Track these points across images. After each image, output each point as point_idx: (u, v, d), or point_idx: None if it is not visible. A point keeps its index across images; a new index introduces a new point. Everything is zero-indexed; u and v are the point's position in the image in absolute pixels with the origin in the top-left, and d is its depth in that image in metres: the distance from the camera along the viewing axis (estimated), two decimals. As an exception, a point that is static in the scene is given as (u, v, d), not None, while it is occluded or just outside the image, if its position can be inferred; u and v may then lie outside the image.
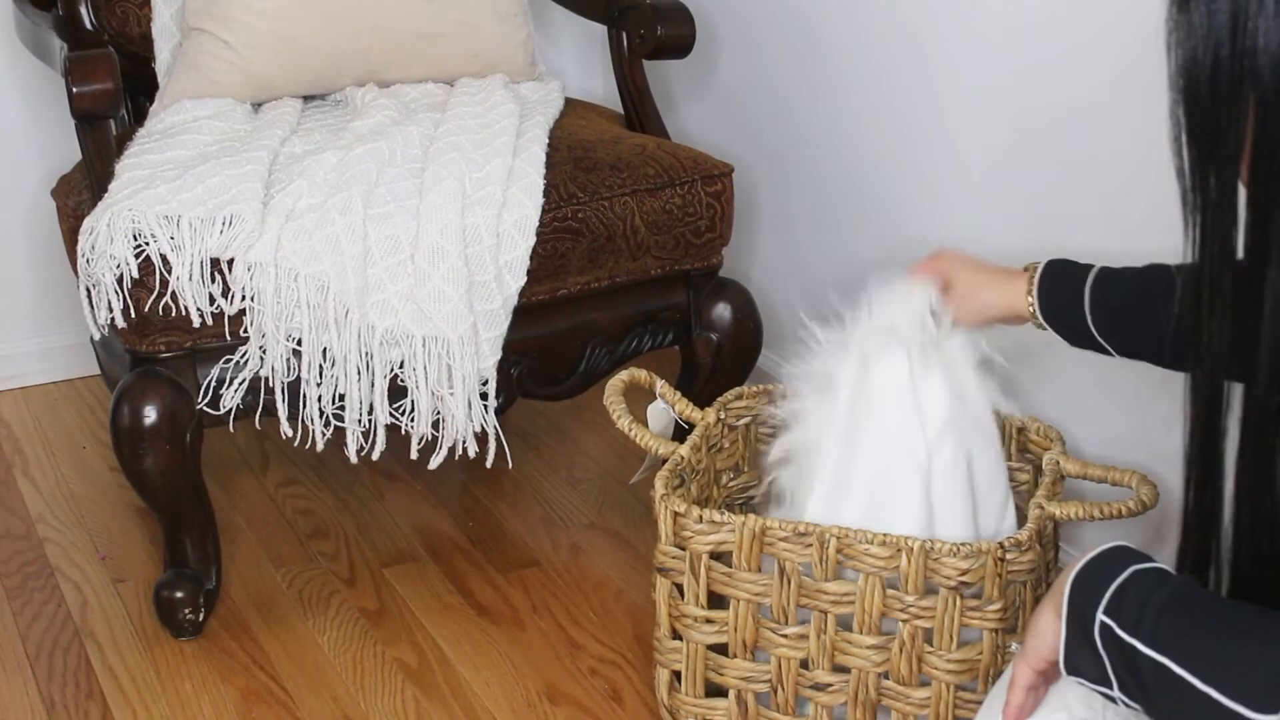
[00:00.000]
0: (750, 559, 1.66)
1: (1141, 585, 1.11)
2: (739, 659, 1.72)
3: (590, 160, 2.11)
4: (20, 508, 2.37)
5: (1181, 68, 1.13)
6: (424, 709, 1.91)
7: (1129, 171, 1.84)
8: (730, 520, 1.65)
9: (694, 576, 1.70)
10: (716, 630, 1.72)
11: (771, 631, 1.69)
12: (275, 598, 2.14)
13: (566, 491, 2.42)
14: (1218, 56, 1.10)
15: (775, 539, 1.64)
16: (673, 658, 1.76)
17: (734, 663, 1.72)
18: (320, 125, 2.15)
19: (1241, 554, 1.11)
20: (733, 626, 1.70)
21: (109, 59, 1.95)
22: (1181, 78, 1.13)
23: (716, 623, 1.71)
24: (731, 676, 1.73)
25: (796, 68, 2.44)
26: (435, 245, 1.92)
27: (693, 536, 1.68)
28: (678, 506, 1.68)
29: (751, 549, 1.65)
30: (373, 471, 2.42)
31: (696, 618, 1.72)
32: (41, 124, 2.63)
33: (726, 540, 1.66)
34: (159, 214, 1.87)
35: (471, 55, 2.30)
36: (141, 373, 1.92)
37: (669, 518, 1.69)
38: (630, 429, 1.79)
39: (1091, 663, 1.13)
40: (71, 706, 1.92)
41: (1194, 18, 1.11)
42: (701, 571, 1.69)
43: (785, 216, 2.54)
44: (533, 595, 2.15)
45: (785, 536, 1.63)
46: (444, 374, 1.96)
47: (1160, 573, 1.12)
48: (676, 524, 1.69)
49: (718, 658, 1.74)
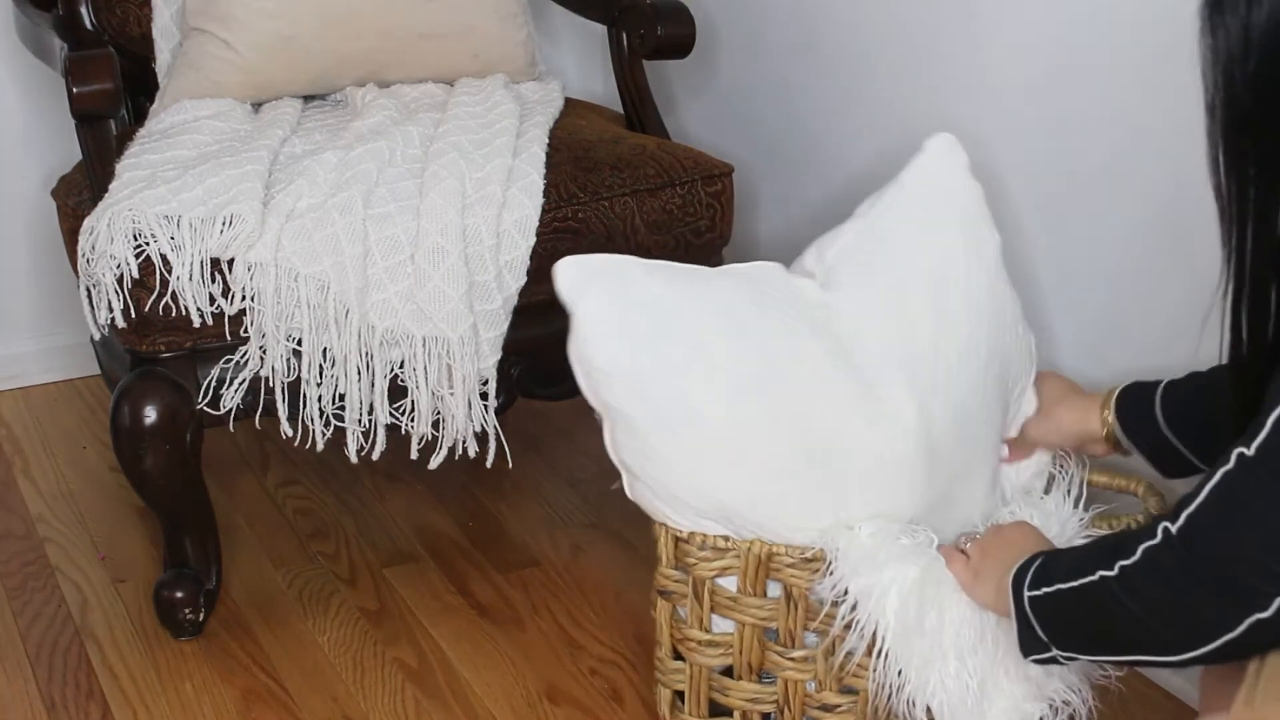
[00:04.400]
0: (755, 584, 1.61)
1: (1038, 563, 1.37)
2: (744, 681, 1.68)
3: (590, 160, 2.11)
4: (20, 508, 2.37)
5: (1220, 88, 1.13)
6: (424, 709, 1.91)
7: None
8: (734, 545, 1.60)
9: (698, 601, 1.65)
10: (721, 653, 1.68)
11: (778, 655, 1.65)
12: (275, 598, 2.14)
13: (566, 491, 2.42)
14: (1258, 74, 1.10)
15: (782, 564, 1.59)
16: (675, 678, 1.72)
17: (739, 685, 1.68)
18: (320, 125, 2.15)
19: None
20: (738, 650, 1.66)
21: (109, 59, 1.95)
22: (1218, 99, 1.13)
23: (720, 645, 1.67)
24: (736, 698, 1.69)
25: (796, 68, 2.44)
26: (435, 245, 1.92)
27: (696, 563, 1.63)
28: (679, 532, 1.62)
29: (757, 575, 1.60)
30: (373, 471, 2.42)
31: (700, 641, 1.68)
32: (41, 124, 2.63)
33: (731, 565, 1.61)
34: (159, 214, 1.87)
35: (471, 55, 2.30)
36: (141, 373, 1.92)
37: (670, 542, 1.64)
38: None
39: (1032, 639, 1.36)
40: (71, 706, 1.92)
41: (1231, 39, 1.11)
42: (705, 596, 1.64)
43: (785, 216, 2.54)
44: (533, 595, 2.15)
45: (792, 562, 1.58)
46: (444, 374, 1.96)
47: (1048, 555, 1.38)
48: (678, 549, 1.64)
49: (722, 679, 1.69)
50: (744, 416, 1.54)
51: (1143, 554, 1.23)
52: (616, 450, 1.61)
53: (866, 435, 1.56)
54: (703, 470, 1.56)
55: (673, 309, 1.56)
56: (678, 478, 1.58)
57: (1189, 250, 1.73)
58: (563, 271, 1.58)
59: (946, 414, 1.60)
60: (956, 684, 1.49)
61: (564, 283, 1.57)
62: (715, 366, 1.55)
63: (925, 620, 1.49)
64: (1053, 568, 1.36)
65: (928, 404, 1.58)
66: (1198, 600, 1.19)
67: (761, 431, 1.54)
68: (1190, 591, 1.20)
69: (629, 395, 1.56)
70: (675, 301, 1.57)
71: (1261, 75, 1.10)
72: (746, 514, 1.57)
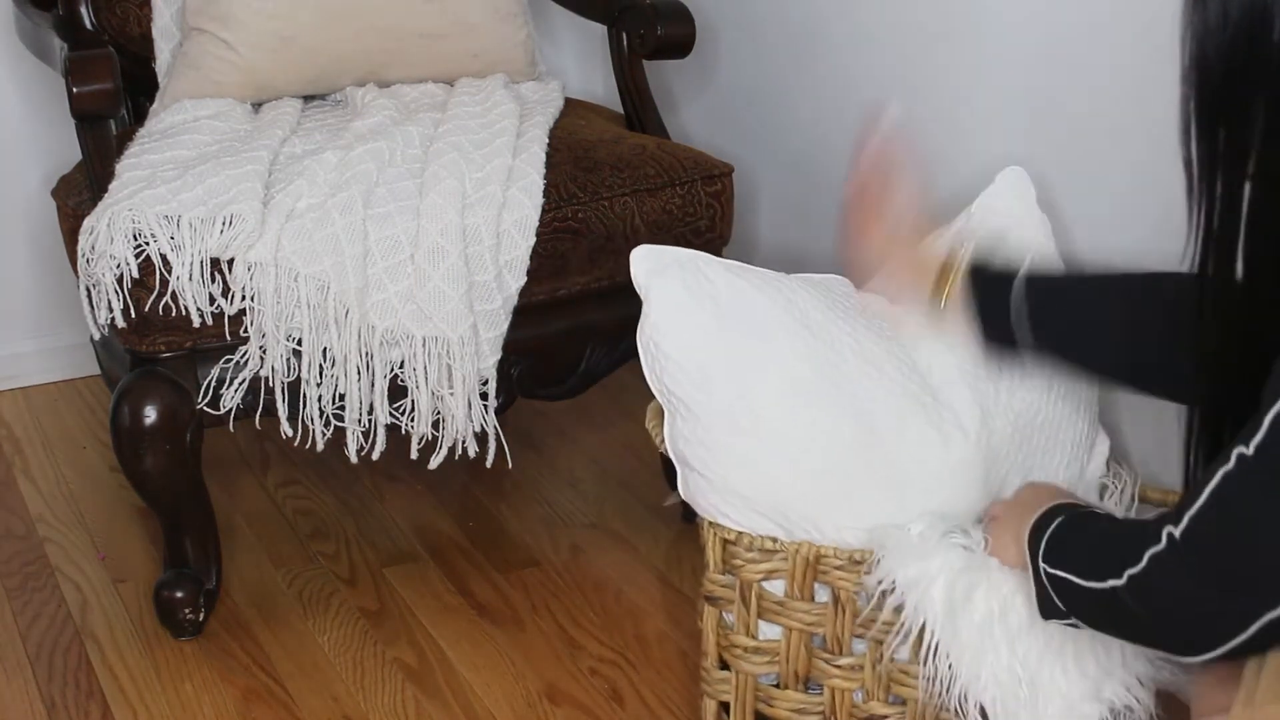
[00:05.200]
0: (803, 587, 1.59)
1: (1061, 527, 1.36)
2: (790, 690, 1.65)
3: (590, 160, 2.11)
4: (20, 508, 2.37)
5: (1195, 61, 1.13)
6: (424, 709, 1.91)
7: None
8: (783, 548, 1.58)
9: (744, 605, 1.62)
10: (768, 661, 1.64)
11: (825, 662, 1.62)
12: (275, 598, 2.14)
13: (566, 491, 2.42)
14: (1232, 51, 1.10)
15: (830, 567, 1.56)
16: (721, 688, 1.68)
17: (785, 694, 1.65)
18: (320, 125, 2.15)
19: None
20: (784, 657, 1.62)
21: (109, 59, 1.95)
22: (1194, 71, 1.13)
23: (767, 653, 1.64)
24: (783, 708, 1.66)
25: (796, 68, 2.44)
26: (435, 245, 1.92)
27: (743, 565, 1.60)
28: (728, 533, 1.60)
29: (805, 578, 1.59)
30: (373, 471, 2.42)
31: (747, 648, 1.64)
32: (41, 124, 2.63)
33: (779, 568, 1.59)
34: (159, 214, 1.87)
35: (471, 55, 2.30)
36: (141, 373, 1.92)
37: (718, 545, 1.62)
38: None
39: (1050, 607, 1.35)
40: (71, 706, 1.92)
41: (1209, 13, 1.11)
42: (752, 600, 1.61)
43: (785, 216, 2.54)
44: (533, 595, 2.15)
45: (840, 565, 1.56)
46: (444, 374, 1.96)
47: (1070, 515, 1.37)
48: (726, 552, 1.61)
49: (768, 689, 1.66)
50: (807, 416, 1.55)
51: (1149, 561, 1.23)
52: (674, 441, 1.62)
53: (929, 441, 1.56)
54: (761, 465, 1.56)
55: (744, 304, 1.58)
56: (735, 471, 1.58)
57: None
58: (639, 258, 1.61)
59: (1008, 421, 1.60)
60: (1009, 676, 1.47)
61: (640, 269, 1.60)
62: (781, 364, 1.56)
63: (973, 608, 1.48)
64: (1068, 546, 1.35)
65: (990, 412, 1.59)
66: (1207, 603, 1.20)
67: (822, 432, 1.55)
68: (1199, 595, 1.20)
69: (694, 385, 1.57)
70: (747, 297, 1.58)
71: (1235, 48, 1.10)
72: (803, 511, 1.57)
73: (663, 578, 2.18)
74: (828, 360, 1.57)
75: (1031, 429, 1.64)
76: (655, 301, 1.58)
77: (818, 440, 1.55)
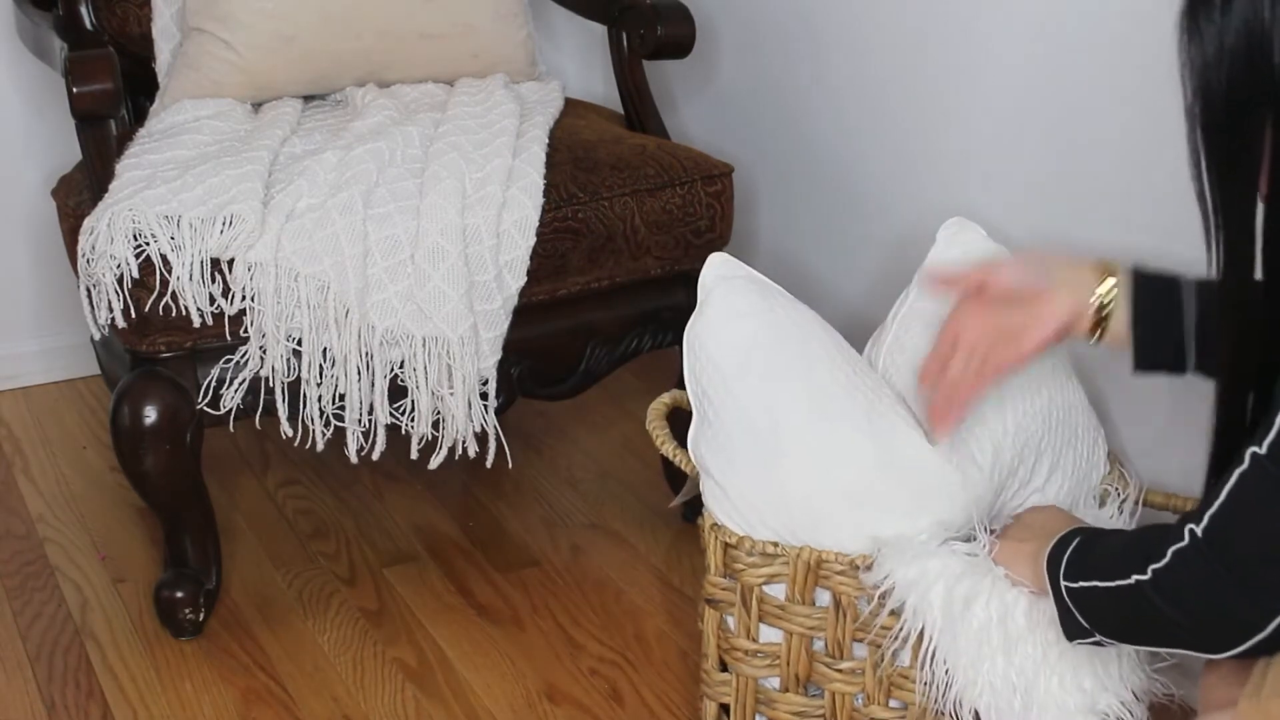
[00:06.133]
0: (804, 592, 1.60)
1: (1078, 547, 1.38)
2: (791, 693, 1.66)
3: (590, 160, 2.11)
4: (20, 508, 2.37)
5: (1197, 94, 1.13)
6: (424, 709, 1.91)
7: (1141, 170, 1.84)
8: (784, 552, 1.58)
9: (745, 609, 1.63)
10: (768, 664, 1.65)
11: (826, 666, 1.63)
12: (275, 598, 2.14)
13: (566, 491, 2.42)
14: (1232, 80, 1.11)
15: (831, 571, 1.57)
16: (721, 691, 1.69)
17: (785, 697, 1.66)
18: (320, 125, 2.15)
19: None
20: (785, 661, 1.63)
21: (109, 59, 1.95)
22: (1198, 104, 1.14)
23: (768, 655, 1.65)
24: (783, 711, 1.67)
25: (796, 68, 2.44)
26: (435, 245, 1.92)
27: (745, 569, 1.61)
28: (729, 537, 1.61)
29: (805, 582, 1.59)
30: (373, 471, 2.42)
31: (747, 651, 1.65)
32: (41, 124, 2.63)
33: (780, 573, 1.60)
34: (159, 214, 1.87)
35: (471, 55, 2.30)
36: (141, 373, 1.92)
37: (719, 548, 1.63)
38: (674, 454, 1.69)
39: (1075, 626, 1.37)
40: (71, 706, 1.92)
41: (1205, 46, 1.12)
42: (753, 604, 1.62)
43: (785, 216, 2.54)
44: (533, 595, 2.15)
45: (841, 569, 1.56)
46: (444, 374, 1.96)
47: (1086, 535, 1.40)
48: (727, 555, 1.62)
49: (768, 691, 1.67)
50: (824, 430, 1.57)
51: (1172, 556, 1.24)
52: (695, 445, 1.64)
53: (940, 468, 1.58)
54: (775, 476, 1.58)
55: (794, 327, 1.62)
56: (750, 481, 1.60)
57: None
58: (714, 262, 1.66)
59: (1014, 454, 1.63)
60: (1004, 684, 1.48)
61: (711, 272, 1.65)
62: (811, 384, 1.59)
63: (972, 614, 1.49)
64: (1088, 558, 1.36)
65: (1001, 446, 1.62)
66: (1229, 600, 1.21)
67: (838, 450, 1.57)
68: (1221, 592, 1.21)
69: (725, 388, 1.59)
70: (799, 322, 1.63)
71: (1236, 77, 1.11)
72: (812, 524, 1.58)
73: (663, 578, 2.18)
74: (853, 383, 1.60)
75: (1038, 452, 1.66)
76: (714, 303, 1.62)
77: (831, 458, 1.57)
